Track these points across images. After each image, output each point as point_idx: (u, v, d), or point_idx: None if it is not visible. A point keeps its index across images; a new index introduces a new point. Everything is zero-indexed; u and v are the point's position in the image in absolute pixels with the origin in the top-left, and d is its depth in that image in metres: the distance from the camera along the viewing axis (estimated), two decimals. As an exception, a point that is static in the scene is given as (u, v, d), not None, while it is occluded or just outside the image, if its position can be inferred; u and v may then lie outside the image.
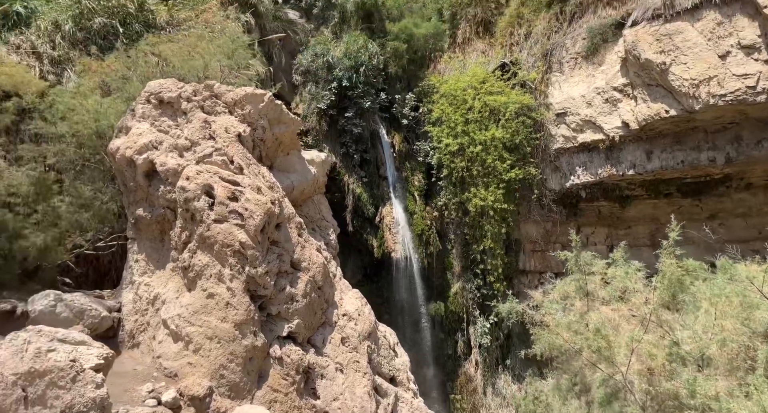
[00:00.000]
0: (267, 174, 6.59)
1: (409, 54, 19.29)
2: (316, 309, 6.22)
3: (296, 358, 5.75)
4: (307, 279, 6.03)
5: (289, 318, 5.77)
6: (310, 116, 17.88)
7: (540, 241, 19.43)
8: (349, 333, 6.55)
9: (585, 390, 7.37)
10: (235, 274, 5.55)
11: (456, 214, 18.30)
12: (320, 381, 5.94)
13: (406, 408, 7.25)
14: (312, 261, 6.13)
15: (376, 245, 18.13)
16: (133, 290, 6.72)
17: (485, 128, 17.71)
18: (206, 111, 6.76)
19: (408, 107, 18.70)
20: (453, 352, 18.25)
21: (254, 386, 5.44)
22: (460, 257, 18.79)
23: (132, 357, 6.30)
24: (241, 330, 5.47)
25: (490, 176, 17.48)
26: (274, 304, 5.79)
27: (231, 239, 5.54)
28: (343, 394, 5.99)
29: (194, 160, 6.15)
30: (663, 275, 7.19)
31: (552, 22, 19.10)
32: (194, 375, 5.35)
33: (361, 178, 18.25)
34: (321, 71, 17.64)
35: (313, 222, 7.61)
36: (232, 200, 5.72)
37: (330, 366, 6.17)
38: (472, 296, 17.84)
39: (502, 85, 18.28)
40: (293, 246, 5.97)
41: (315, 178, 8.14)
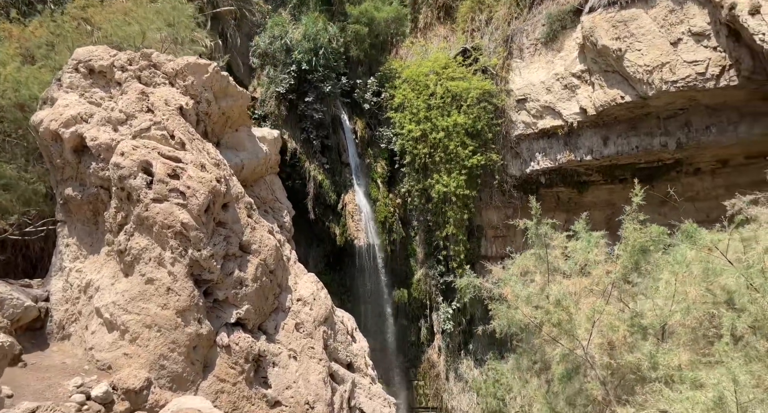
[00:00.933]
0: (213, 150, 6.16)
1: (370, 38, 18.93)
2: (268, 294, 5.89)
3: (245, 346, 5.43)
4: (258, 263, 5.68)
5: (238, 303, 5.42)
6: (269, 100, 17.32)
7: (501, 227, 19.61)
8: (304, 318, 6.27)
9: (545, 368, 7.29)
10: (176, 257, 5.15)
11: (419, 201, 18.21)
12: (272, 370, 5.66)
13: (364, 394, 7.07)
14: (263, 243, 5.77)
15: (338, 233, 17.84)
16: (63, 277, 6.20)
17: (447, 114, 17.62)
18: (144, 82, 6.22)
19: (370, 92, 18.39)
20: (416, 339, 18.26)
21: (199, 376, 5.10)
22: (423, 244, 18.75)
23: (61, 350, 5.83)
24: (183, 317, 5.10)
25: (452, 162, 17.43)
26: (221, 289, 5.43)
27: (172, 220, 5.13)
28: (297, 382, 5.74)
29: (130, 134, 5.65)
30: (626, 242, 7.04)
31: (512, 8, 19.13)
32: (131, 366, 4.96)
33: (323, 164, 17.87)
34: (279, 54, 17.06)
35: (266, 203, 7.20)
36: (173, 178, 5.29)
37: (283, 354, 5.90)
38: (435, 282, 17.86)
39: (463, 70, 18.20)
40: (242, 228, 5.59)
41: (267, 157, 7.70)
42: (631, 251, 6.80)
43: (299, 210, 18.46)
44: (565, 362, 6.54)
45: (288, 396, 5.75)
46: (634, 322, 6.07)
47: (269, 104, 17.37)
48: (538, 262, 7.81)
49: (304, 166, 17.70)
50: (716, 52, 14.61)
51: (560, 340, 6.57)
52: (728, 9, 13.68)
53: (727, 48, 14.35)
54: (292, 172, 17.91)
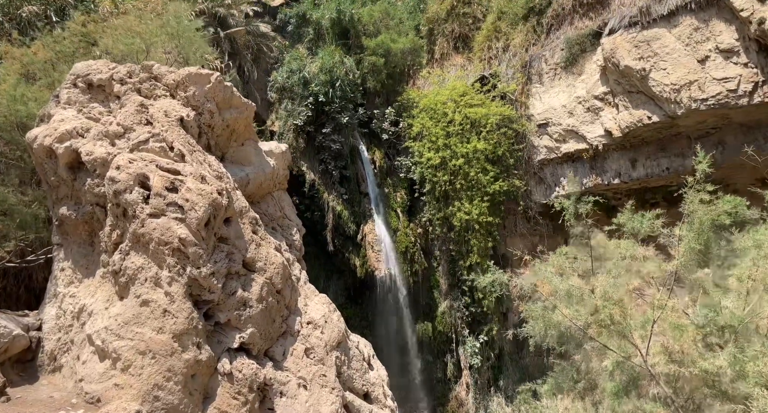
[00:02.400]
0: (215, 163, 5.83)
1: (387, 69, 19.02)
2: (275, 317, 5.37)
3: (249, 373, 4.90)
4: (263, 282, 5.20)
5: (242, 326, 4.92)
6: (287, 133, 17.37)
7: (528, 256, 18.78)
8: (315, 343, 5.70)
9: (590, 387, 6.26)
10: (174, 276, 4.74)
11: (441, 230, 17.67)
12: (279, 400, 5.09)
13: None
14: (269, 261, 5.30)
15: (358, 264, 17.34)
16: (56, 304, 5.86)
17: (467, 141, 17.31)
18: (144, 94, 6.03)
19: (387, 122, 18.30)
20: (443, 375, 17.27)
21: (198, 408, 4.59)
22: (446, 274, 18.05)
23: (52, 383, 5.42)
24: (181, 341, 4.64)
25: (473, 189, 16.96)
26: (222, 311, 4.94)
27: (169, 235, 4.76)
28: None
29: (128, 148, 5.41)
30: (691, 220, 5.74)
31: (529, 34, 19.05)
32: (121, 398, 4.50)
33: (341, 195, 17.62)
34: (297, 87, 17.23)
35: (274, 220, 6.75)
36: (171, 191, 4.95)
37: (291, 382, 5.34)
38: (461, 315, 17.03)
39: (482, 97, 18.01)
40: (246, 244, 5.15)
41: (274, 171, 7.33)
42: (699, 229, 5.54)
43: (318, 243, 18.11)
44: (619, 373, 5.39)
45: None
46: (707, 321, 4.90)
47: (287, 137, 17.41)
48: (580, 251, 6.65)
49: (322, 197, 17.48)
50: (747, 69, 14.03)
51: (611, 346, 5.44)
52: (758, 24, 13.21)
53: (758, 63, 13.78)
54: (311, 203, 17.70)
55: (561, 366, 6.79)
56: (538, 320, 5.82)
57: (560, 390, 6.72)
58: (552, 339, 6.07)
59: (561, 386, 6.76)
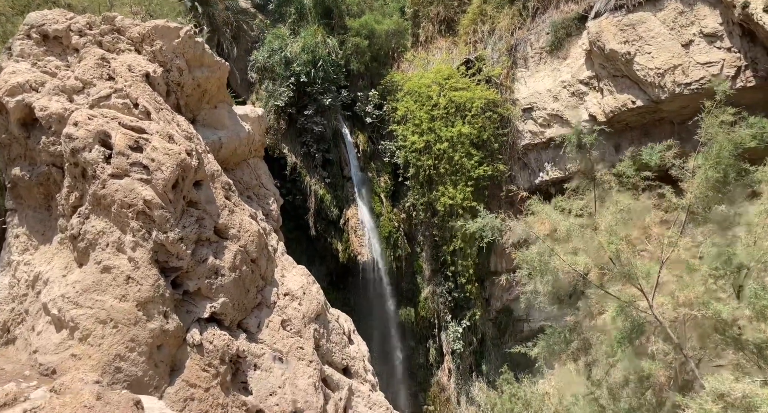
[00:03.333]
0: (184, 123, 5.44)
1: (371, 51, 18.66)
2: (249, 287, 5.05)
3: (221, 345, 4.59)
4: (237, 250, 4.87)
5: (213, 296, 4.60)
6: (268, 114, 16.90)
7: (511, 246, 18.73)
8: (292, 314, 5.42)
9: (585, 347, 5.98)
10: (138, 241, 4.37)
11: (424, 215, 17.48)
12: (253, 373, 4.84)
13: (363, 403, 6.15)
14: (243, 228, 4.96)
15: (341, 249, 17.07)
16: (9, 272, 5.44)
17: (451, 125, 17.09)
18: (105, 48, 5.58)
19: (371, 105, 17.97)
20: (425, 361, 17.18)
21: (164, 381, 4.28)
22: (429, 260, 17.91)
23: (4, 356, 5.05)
24: (145, 310, 4.31)
25: (458, 174, 16.78)
26: (192, 279, 4.60)
27: (133, 197, 4.38)
28: (283, 387, 4.95)
29: (87, 103, 4.99)
30: (709, 147, 5.05)
31: (515, 18, 18.85)
32: (78, 369, 4.18)
33: (324, 178, 17.29)
34: (278, 67, 16.77)
35: (249, 189, 6.39)
36: (135, 150, 4.58)
37: (266, 355, 5.12)
38: (444, 300, 16.91)
39: (467, 81, 17.78)
40: (218, 210, 4.79)
41: (250, 137, 6.91)
42: (718, 154, 4.97)
43: (300, 227, 17.77)
44: (623, 319, 4.90)
45: (272, 403, 4.92)
46: (720, 261, 4.33)
47: (268, 118, 16.94)
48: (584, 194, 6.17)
49: (304, 181, 17.13)
50: (730, 53, 14.04)
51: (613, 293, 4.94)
52: (741, 8, 13.17)
53: (742, 48, 13.79)
54: (293, 187, 17.33)
55: (552, 328, 6.56)
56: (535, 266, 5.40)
57: (552, 352, 6.48)
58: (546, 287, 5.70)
59: (552, 348, 6.51)
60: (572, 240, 5.04)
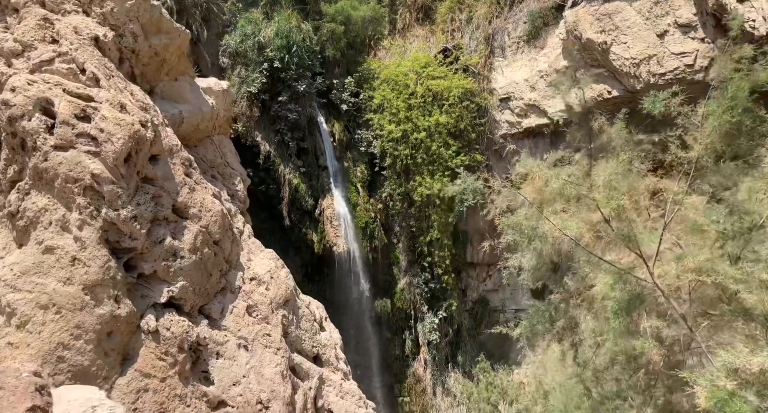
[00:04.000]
0: (140, 93, 4.95)
1: (347, 37, 18.21)
2: (212, 270, 4.65)
3: (179, 331, 4.21)
4: (198, 230, 4.56)
5: (171, 279, 4.20)
6: (240, 101, 16.37)
7: (487, 232, 18.73)
8: (258, 300, 5.07)
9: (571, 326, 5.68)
10: (86, 219, 3.94)
11: (401, 205, 17.28)
12: (216, 362, 4.60)
13: (334, 393, 5.89)
14: (205, 208, 4.56)
15: (316, 240, 16.75)
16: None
17: (429, 114, 16.87)
18: (48, 8, 5.04)
19: (347, 93, 17.58)
20: (401, 352, 17.09)
21: (114, 371, 3.91)
22: (406, 251, 17.75)
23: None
24: (93, 294, 3.90)
25: (435, 163, 16.60)
26: (147, 261, 4.17)
27: (79, 171, 3.95)
28: (247, 377, 4.71)
29: (27, 68, 4.51)
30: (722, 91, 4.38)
31: (493, 7, 18.68)
32: (15, 358, 3.79)
33: (299, 167, 16.87)
34: (251, 53, 16.20)
35: (214, 167, 5.94)
36: (82, 120, 4.13)
37: (230, 342, 4.80)
38: (420, 291, 16.81)
39: (444, 69, 17.56)
40: (177, 187, 4.37)
41: (214, 112, 6.40)
42: (733, 99, 4.21)
43: (274, 218, 17.34)
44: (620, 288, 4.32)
45: (235, 393, 4.65)
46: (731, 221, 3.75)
47: (240, 105, 16.41)
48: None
49: (278, 170, 16.68)
50: (704, 44, 14.15)
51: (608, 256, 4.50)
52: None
53: (715, 39, 13.89)
54: (266, 176, 16.87)
55: (536, 306, 6.29)
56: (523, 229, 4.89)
57: (535, 333, 6.21)
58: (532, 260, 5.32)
59: (536, 328, 6.23)
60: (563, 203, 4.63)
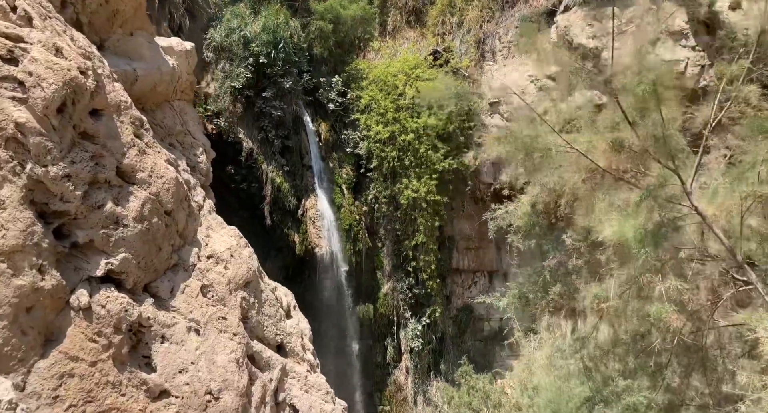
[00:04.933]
0: (83, 40, 4.17)
1: (336, 37, 17.86)
2: (161, 243, 4.23)
3: (117, 309, 3.75)
4: (146, 197, 4.05)
5: (111, 250, 3.51)
6: (223, 96, 15.87)
7: (474, 238, 18.38)
8: (215, 279, 4.46)
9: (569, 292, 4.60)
10: (7, 175, 3.15)
11: (387, 208, 16.85)
12: (160, 346, 4.07)
13: (298, 386, 5.31)
14: (157, 174, 4.13)
15: (298, 241, 16.23)
16: None
17: (417, 115, 16.54)
18: None
19: (335, 92, 17.18)
20: (382, 360, 16.57)
21: (34, 352, 3.19)
22: (391, 255, 17.29)
23: None
24: (12, 262, 3.15)
25: (422, 166, 16.24)
26: (83, 228, 3.70)
27: (1, 119, 3.23)
28: (197, 364, 4.17)
29: None
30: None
31: (484, 10, 18.53)
32: None
33: (282, 166, 16.38)
34: (236, 47, 15.74)
35: (172, 135, 5.26)
36: (8, 62, 3.46)
37: (179, 325, 4.23)
38: (404, 296, 16.35)
39: (434, 72, 17.28)
40: (123, 148, 3.70)
41: (174, 73, 5.65)
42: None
43: (255, 218, 16.78)
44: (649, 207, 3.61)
45: (181, 382, 4.06)
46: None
47: (223, 100, 15.91)
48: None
49: (261, 168, 16.16)
50: (694, 52, 14.10)
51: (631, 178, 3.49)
52: (708, 5, 13.23)
53: (705, 47, 13.86)
54: (248, 174, 16.34)
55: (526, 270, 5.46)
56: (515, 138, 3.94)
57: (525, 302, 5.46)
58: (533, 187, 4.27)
59: (526, 296, 5.49)
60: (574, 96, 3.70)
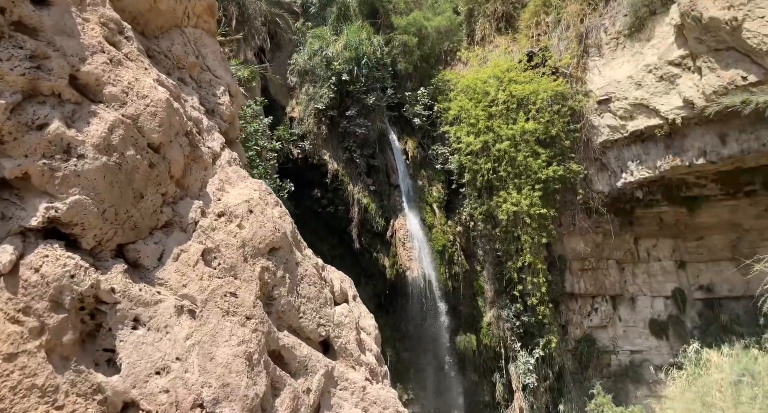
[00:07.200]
0: None
1: (420, 50, 17.03)
2: (144, 188, 2.94)
3: (55, 275, 2.49)
4: (117, 120, 2.80)
5: (57, 191, 2.27)
6: (307, 119, 15.60)
7: (590, 258, 15.88)
8: (223, 241, 3.21)
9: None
10: None
11: (484, 226, 15.16)
12: (130, 334, 2.68)
13: (352, 399, 3.48)
14: (137, 92, 2.97)
15: (388, 264, 15.08)
16: None
17: (512, 121, 14.90)
18: None
19: (420, 105, 16.19)
20: (490, 398, 14.48)
21: None
22: (492, 279, 15.43)
23: None
24: None
25: (522, 176, 14.42)
26: (11, 155, 2.53)
27: None
28: (184, 360, 2.72)
29: None
30: None
31: (584, 3, 16.60)
32: None
33: (368, 186, 15.54)
34: (319, 69, 15.50)
35: (183, 69, 3.67)
36: None
37: (164, 304, 2.83)
38: (510, 325, 14.29)
39: (530, 74, 15.63)
40: (84, 52, 2.54)
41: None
42: None
43: (343, 243, 16.00)
44: None
45: (156, 388, 2.59)
46: None
47: (308, 123, 15.62)
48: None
49: (347, 189, 15.44)
50: None
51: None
52: None
53: None
54: (334, 196, 15.71)
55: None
56: None
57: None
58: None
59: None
60: None
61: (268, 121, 11.86)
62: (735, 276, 15.63)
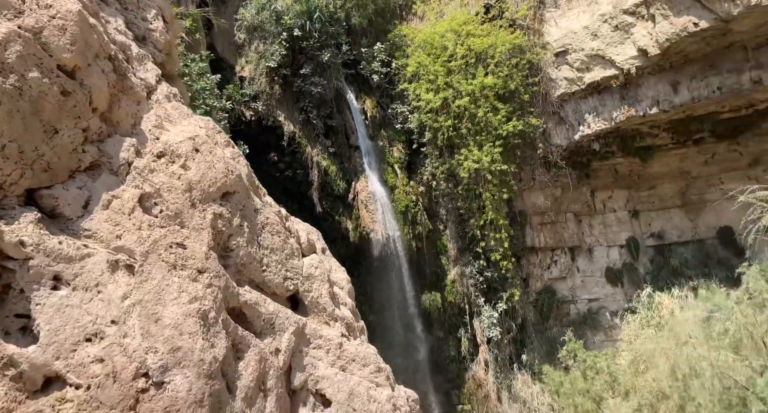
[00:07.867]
0: None
1: (375, 4, 16.27)
2: (56, 120, 2.42)
3: None
4: (11, 32, 2.23)
5: None
6: (258, 78, 14.77)
7: (549, 212, 16.16)
8: (165, 184, 2.80)
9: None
10: None
11: (446, 185, 15.06)
12: (49, 296, 2.20)
13: (327, 358, 3.34)
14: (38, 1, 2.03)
15: (351, 227, 14.83)
16: None
17: (471, 76, 14.61)
18: None
19: (377, 62, 15.60)
20: (456, 353, 14.79)
21: None
22: (455, 237, 15.48)
23: None
24: None
25: (483, 133, 14.29)
26: None
27: None
28: (121, 323, 2.28)
29: None
30: None
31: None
32: None
33: (327, 148, 15.04)
34: (268, 24, 14.58)
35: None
36: None
37: (93, 258, 2.38)
38: (474, 282, 14.47)
39: (487, 26, 15.25)
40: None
41: None
42: None
43: (304, 209, 15.55)
44: None
45: (87, 358, 2.19)
46: None
47: (259, 82, 14.79)
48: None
49: (305, 152, 14.90)
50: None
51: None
52: None
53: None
54: (292, 160, 15.14)
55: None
56: None
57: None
58: None
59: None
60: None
61: (216, 79, 11.08)
62: (683, 222, 16.33)
